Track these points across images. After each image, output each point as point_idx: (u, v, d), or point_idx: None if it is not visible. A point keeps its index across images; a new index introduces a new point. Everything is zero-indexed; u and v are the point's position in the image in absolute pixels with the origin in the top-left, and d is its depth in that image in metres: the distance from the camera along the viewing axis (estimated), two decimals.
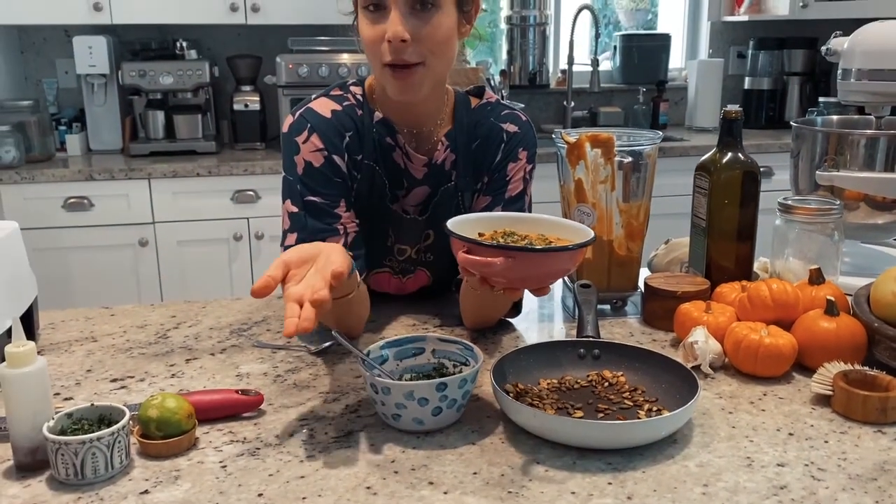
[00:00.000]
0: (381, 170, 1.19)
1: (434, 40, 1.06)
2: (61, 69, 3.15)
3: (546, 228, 1.00)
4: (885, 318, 1.02)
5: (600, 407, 0.93)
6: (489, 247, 0.89)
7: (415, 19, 1.05)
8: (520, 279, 0.91)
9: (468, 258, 0.89)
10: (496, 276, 0.89)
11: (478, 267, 0.88)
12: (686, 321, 1.11)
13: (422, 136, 1.20)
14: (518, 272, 0.88)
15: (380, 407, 0.90)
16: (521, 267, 0.87)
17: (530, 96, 3.61)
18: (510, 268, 0.86)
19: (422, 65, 1.07)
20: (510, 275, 0.88)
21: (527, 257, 0.89)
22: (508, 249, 0.88)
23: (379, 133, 1.18)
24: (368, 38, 1.07)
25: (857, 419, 0.91)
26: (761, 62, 3.62)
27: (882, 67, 1.30)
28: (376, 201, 1.20)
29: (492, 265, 0.87)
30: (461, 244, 0.91)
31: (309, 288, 0.85)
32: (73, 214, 2.69)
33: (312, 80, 2.93)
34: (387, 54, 1.06)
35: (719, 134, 1.24)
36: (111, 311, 1.32)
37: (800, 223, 1.21)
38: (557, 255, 0.90)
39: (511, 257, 0.87)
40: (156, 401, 0.85)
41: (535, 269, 0.90)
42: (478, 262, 0.88)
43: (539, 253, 0.90)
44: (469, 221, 0.99)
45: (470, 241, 0.90)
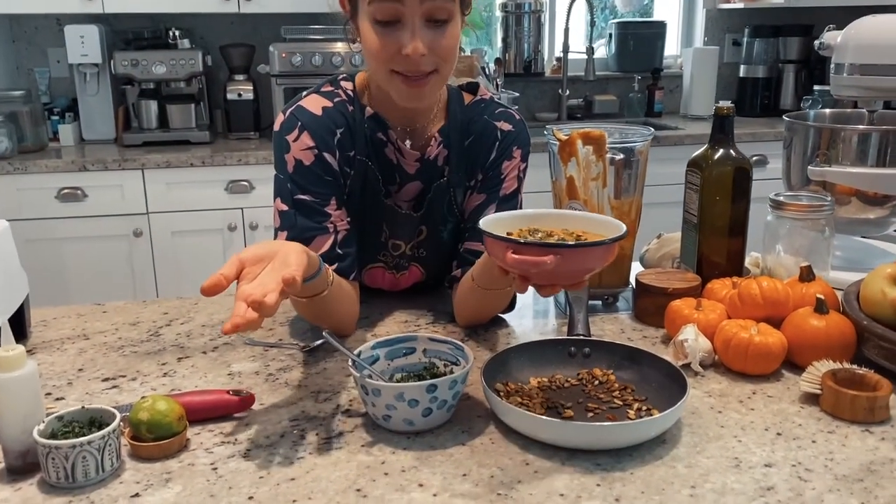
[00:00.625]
0: (374, 165, 1.19)
1: (447, 49, 1.06)
2: (53, 58, 3.13)
3: (568, 223, 1.00)
4: (875, 316, 1.02)
5: (590, 406, 0.94)
6: (539, 245, 0.89)
7: (430, 30, 1.04)
8: (563, 275, 0.90)
9: (518, 258, 0.88)
10: (544, 274, 0.89)
11: (527, 266, 0.88)
12: (677, 318, 1.12)
13: (415, 133, 1.20)
14: (563, 268, 0.88)
15: (370, 408, 0.90)
16: (566, 263, 0.87)
17: (525, 84, 3.60)
18: (558, 265, 0.86)
19: (435, 73, 1.07)
20: (557, 271, 0.88)
21: (573, 253, 0.88)
22: (556, 247, 0.88)
23: (370, 129, 1.18)
24: (378, 48, 1.05)
25: (845, 418, 0.91)
26: (756, 50, 3.61)
27: (875, 62, 1.30)
28: (370, 196, 1.20)
29: (542, 264, 0.86)
30: (504, 245, 0.89)
31: (259, 287, 0.84)
32: (67, 205, 2.68)
33: (306, 69, 2.92)
34: (400, 65, 1.05)
35: (711, 130, 1.23)
36: (103, 307, 1.32)
37: (791, 219, 1.22)
38: (600, 249, 0.90)
39: (559, 254, 0.86)
40: (146, 403, 0.85)
41: (579, 264, 0.90)
42: (528, 261, 0.87)
43: (587, 248, 0.90)
44: (489, 222, 0.98)
45: (517, 242, 0.89)
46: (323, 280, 1.05)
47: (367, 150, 1.18)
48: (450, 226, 1.24)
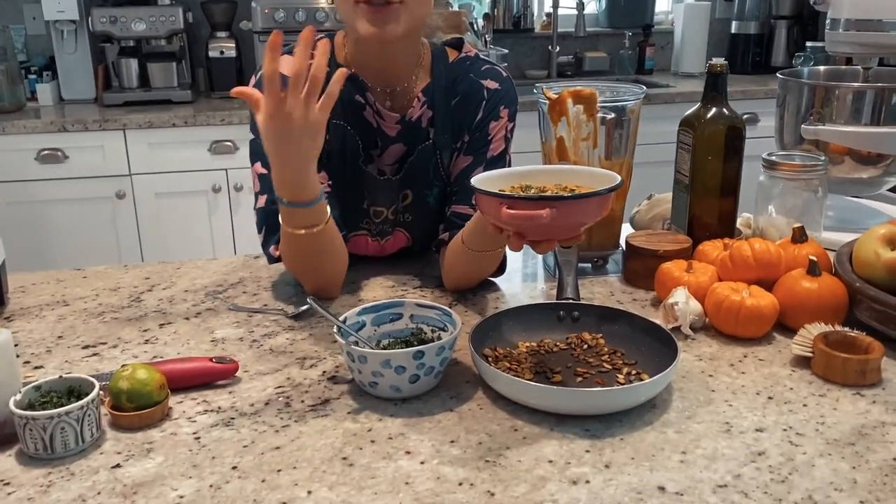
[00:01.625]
0: (353, 129, 1.15)
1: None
2: (29, 15, 3.04)
3: (560, 178, 0.98)
4: (867, 277, 1.01)
5: (579, 370, 0.92)
6: (533, 199, 0.86)
7: None
8: (559, 229, 0.89)
9: (513, 213, 0.86)
10: (540, 229, 0.87)
11: (523, 221, 0.86)
12: (667, 281, 1.10)
13: (396, 94, 1.16)
14: (559, 222, 0.86)
15: (356, 375, 0.89)
16: (562, 217, 0.86)
17: (514, 41, 3.53)
18: (554, 218, 0.84)
19: (399, 2, 1.03)
20: (553, 225, 0.86)
21: (569, 205, 0.86)
22: (551, 200, 0.86)
23: (348, 91, 1.14)
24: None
25: (837, 382, 0.90)
26: (748, 5, 3.55)
27: (871, 17, 1.27)
28: (349, 162, 1.17)
29: (538, 218, 0.84)
30: (498, 201, 0.87)
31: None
32: (47, 167, 2.63)
33: (289, 25, 2.85)
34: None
35: (704, 88, 1.21)
36: (83, 272, 1.29)
37: (784, 179, 1.20)
38: (595, 200, 0.88)
39: (554, 207, 0.84)
40: (126, 372, 0.83)
41: (575, 217, 0.88)
42: (524, 216, 0.85)
43: (582, 199, 0.87)
44: (481, 180, 0.95)
45: (512, 198, 0.87)
46: (322, 209, 1.02)
47: (345, 113, 1.14)
48: (436, 190, 1.22)
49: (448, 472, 0.75)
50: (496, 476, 0.74)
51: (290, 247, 1.07)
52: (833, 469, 0.75)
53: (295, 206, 1.00)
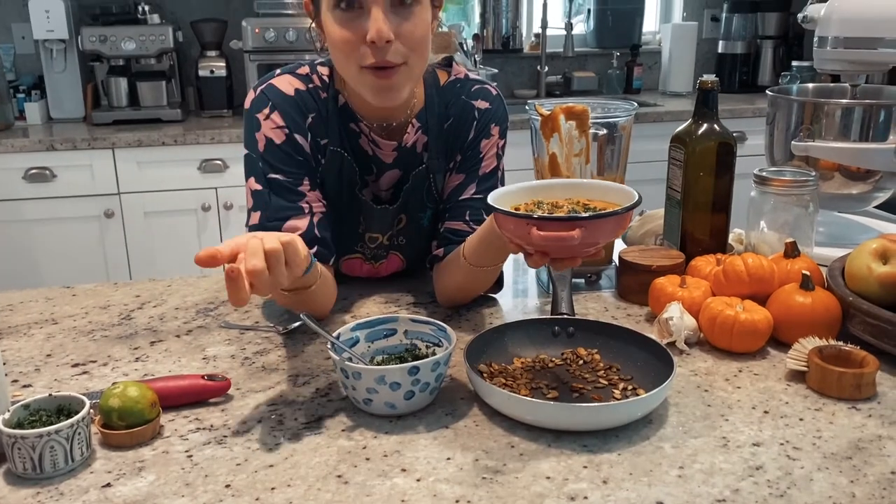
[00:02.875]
0: (350, 157, 1.15)
1: (415, 38, 1.01)
2: (18, 34, 3.03)
3: (571, 192, 0.98)
4: (860, 291, 1.01)
5: (575, 386, 0.92)
6: (563, 220, 0.86)
7: (395, 16, 0.99)
8: (584, 246, 0.88)
9: (544, 235, 0.85)
10: (568, 248, 0.86)
11: (553, 242, 0.85)
12: (661, 296, 1.10)
13: (392, 128, 1.16)
14: (585, 240, 0.85)
15: (351, 391, 0.88)
16: (589, 235, 0.85)
17: (504, 61, 3.55)
18: (583, 237, 0.84)
19: (404, 65, 1.02)
20: (581, 243, 0.85)
21: (596, 224, 0.86)
22: (581, 220, 0.85)
23: (343, 120, 1.14)
24: (342, 40, 1.00)
25: (832, 396, 0.90)
26: (735, 25, 3.59)
27: (859, 35, 1.28)
28: (346, 189, 1.16)
29: (569, 239, 0.84)
30: (526, 222, 0.86)
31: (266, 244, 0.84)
32: (35, 186, 2.61)
33: (280, 45, 2.85)
34: (368, 57, 1.00)
35: (695, 104, 1.21)
36: (73, 290, 1.27)
37: (775, 195, 1.20)
38: (621, 217, 0.87)
39: (583, 227, 0.84)
40: (117, 389, 0.82)
41: (600, 235, 0.87)
42: (555, 237, 0.84)
43: (609, 218, 0.87)
44: (495, 199, 0.94)
45: (543, 219, 0.86)
46: (314, 275, 1.02)
47: (340, 140, 1.14)
48: (429, 212, 1.21)
49: (445, 489, 0.74)
50: (493, 493, 0.73)
51: (284, 299, 1.07)
52: (831, 483, 0.74)
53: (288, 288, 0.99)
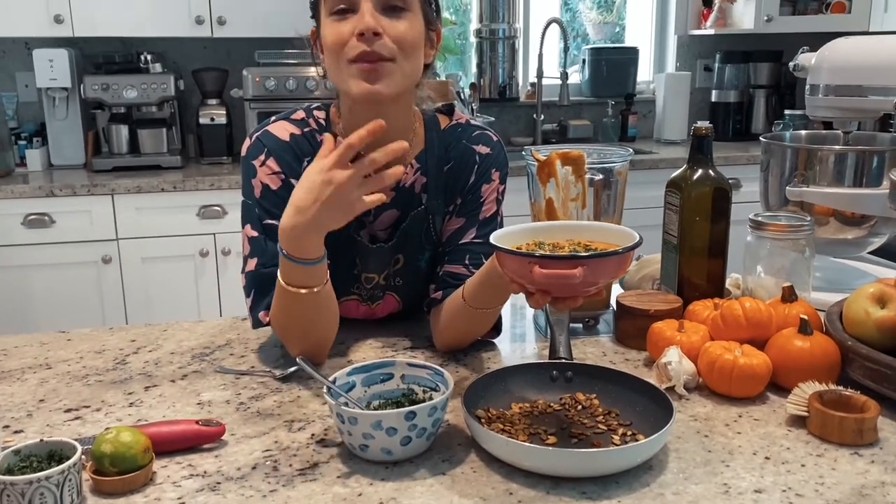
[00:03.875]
0: None
1: (405, 39, 1.04)
2: (21, 83, 3.07)
3: (572, 233, 0.99)
4: (859, 336, 1.01)
5: (574, 432, 0.91)
6: (565, 258, 0.86)
7: (386, 17, 1.03)
8: (585, 286, 0.88)
9: (546, 273, 0.85)
10: (569, 287, 0.86)
11: (555, 280, 0.85)
12: (659, 340, 1.10)
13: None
14: (587, 279, 0.85)
15: (346, 437, 0.86)
16: (591, 274, 0.85)
17: (500, 109, 3.60)
18: (584, 276, 0.84)
19: (392, 61, 1.04)
20: (582, 282, 0.85)
21: (598, 263, 0.86)
22: (584, 259, 0.86)
23: None
24: (335, 39, 1.03)
25: (834, 441, 0.89)
26: (728, 75, 3.65)
27: (849, 83, 1.30)
28: (341, 230, 1.17)
29: (571, 277, 0.84)
30: (528, 261, 0.86)
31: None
32: (33, 231, 2.61)
33: (280, 94, 2.89)
34: (355, 49, 1.02)
35: (689, 150, 1.23)
36: (68, 335, 1.27)
37: (771, 239, 1.21)
38: (622, 257, 0.87)
39: (586, 265, 0.84)
40: (110, 435, 0.81)
41: (601, 274, 0.87)
42: (557, 275, 0.84)
43: (611, 257, 0.87)
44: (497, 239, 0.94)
45: (545, 257, 0.86)
46: (323, 270, 1.02)
47: None
48: (427, 254, 1.22)
49: None
50: None
51: (286, 307, 1.05)
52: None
53: (299, 262, 0.99)
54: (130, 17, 2.81)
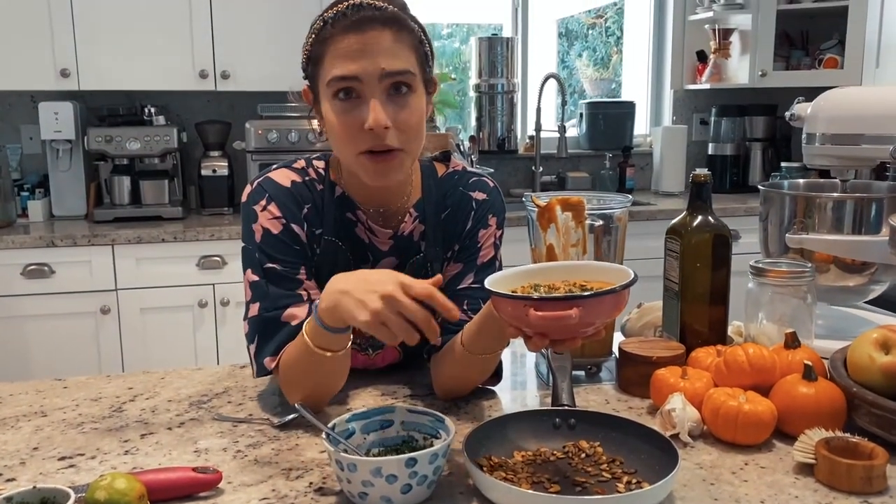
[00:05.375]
0: (345, 245, 1.16)
1: (410, 125, 1.05)
2: (26, 135, 3.11)
3: (567, 274, 0.98)
4: (864, 382, 1.00)
5: (577, 480, 0.89)
6: (560, 300, 0.86)
7: (392, 105, 1.03)
8: (583, 326, 0.87)
9: (542, 315, 0.84)
10: (566, 328, 0.86)
11: (552, 322, 0.85)
12: (663, 387, 1.09)
13: (388, 212, 1.18)
14: (584, 320, 0.85)
15: (346, 485, 0.85)
16: (588, 314, 0.85)
17: (499, 161, 3.64)
18: (581, 317, 0.84)
19: (401, 150, 1.05)
20: (580, 323, 0.85)
21: (594, 303, 0.85)
22: (577, 299, 0.85)
23: (339, 209, 1.16)
24: (341, 128, 1.04)
25: (843, 489, 0.87)
26: (724, 129, 3.70)
27: (845, 132, 1.32)
28: None
29: (567, 318, 0.83)
30: (523, 304, 0.86)
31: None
32: (32, 282, 2.61)
33: (282, 146, 2.93)
34: (365, 142, 1.03)
35: (689, 197, 1.24)
36: (64, 382, 1.25)
37: (772, 286, 1.20)
38: (618, 296, 0.87)
39: (581, 306, 0.84)
40: (104, 482, 0.79)
41: (598, 314, 0.87)
42: (553, 317, 0.84)
43: (606, 296, 0.86)
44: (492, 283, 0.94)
45: (539, 299, 0.86)
46: (349, 333, 1.01)
47: (336, 229, 1.16)
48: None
49: None
50: None
51: (306, 365, 1.04)
52: None
53: (333, 331, 0.98)
54: (136, 72, 2.86)
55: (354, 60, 1.01)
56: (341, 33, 1.02)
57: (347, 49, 1.02)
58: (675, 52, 3.80)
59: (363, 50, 1.01)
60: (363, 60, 1.01)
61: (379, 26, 1.02)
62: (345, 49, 1.02)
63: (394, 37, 1.03)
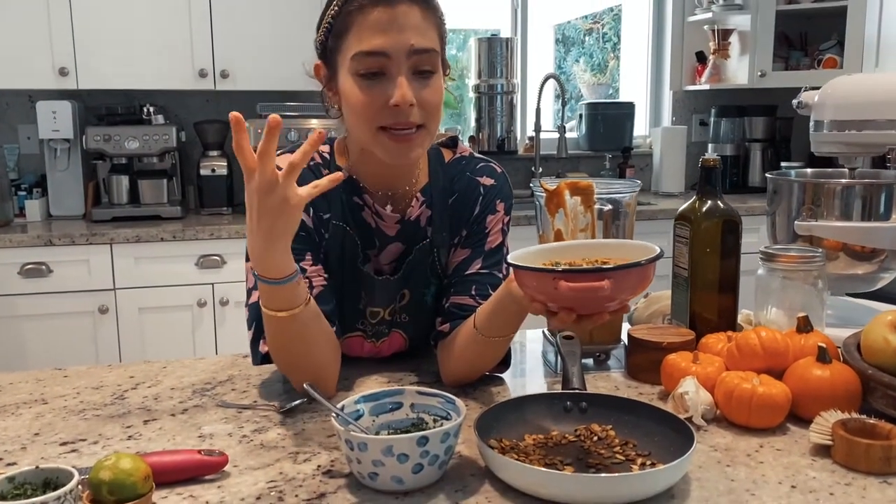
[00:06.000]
0: (352, 230, 1.15)
1: (433, 104, 1.05)
2: (23, 135, 3.09)
3: (586, 252, 0.97)
4: (879, 364, 0.99)
5: (591, 462, 0.88)
6: (591, 271, 0.85)
7: (416, 82, 1.03)
8: (610, 300, 0.87)
9: (573, 286, 0.83)
10: (596, 301, 0.85)
11: (583, 293, 0.84)
12: (674, 372, 1.07)
13: (395, 196, 1.17)
14: (614, 293, 0.84)
15: (355, 465, 0.83)
16: (617, 287, 0.84)
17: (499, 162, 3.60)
18: (612, 290, 0.83)
19: (422, 127, 1.05)
20: (608, 297, 0.84)
21: (624, 275, 0.85)
22: (610, 271, 0.84)
23: (346, 192, 1.14)
24: (364, 104, 1.03)
25: (861, 470, 0.86)
26: (723, 129, 3.70)
27: (853, 118, 1.31)
28: (348, 263, 1.15)
29: (599, 289, 0.83)
30: (552, 276, 0.85)
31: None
32: (30, 281, 2.59)
33: (281, 144, 2.83)
34: (387, 118, 1.03)
35: (698, 182, 1.22)
36: (64, 372, 1.23)
37: (783, 272, 1.19)
38: (646, 269, 0.86)
39: (612, 278, 0.83)
40: (109, 461, 0.77)
41: (626, 288, 0.86)
42: (584, 287, 0.83)
43: (635, 268, 0.85)
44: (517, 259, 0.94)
45: (570, 271, 0.85)
46: (297, 290, 0.98)
47: (343, 214, 1.14)
48: (433, 288, 1.20)
49: None
50: None
51: (273, 331, 1.03)
52: None
53: (270, 282, 0.97)
54: (135, 71, 2.85)
55: (385, 33, 1.01)
56: (370, 5, 1.01)
57: (377, 21, 1.01)
58: (674, 52, 3.80)
59: (393, 24, 1.01)
60: (393, 34, 1.00)
61: (408, 2, 1.02)
62: (374, 21, 1.01)
63: (422, 14, 1.03)
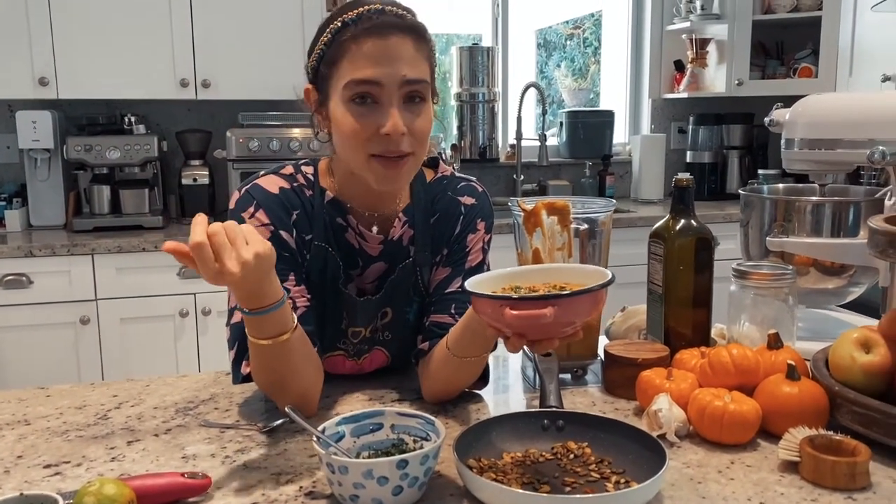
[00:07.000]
0: (335, 251, 1.16)
1: (423, 132, 1.07)
2: (2, 145, 3.07)
3: (548, 276, 0.99)
4: (845, 381, 1.02)
5: (567, 480, 0.90)
6: (535, 299, 0.87)
7: (407, 112, 1.05)
8: (560, 326, 0.88)
9: (517, 314, 0.86)
10: (542, 328, 0.87)
11: (527, 321, 0.86)
12: (648, 388, 1.10)
13: (381, 218, 1.18)
14: (560, 319, 0.86)
15: (336, 487, 0.85)
16: (563, 314, 0.86)
17: (481, 169, 3.66)
18: (556, 316, 0.85)
19: (411, 155, 1.07)
20: (554, 323, 0.86)
21: (569, 302, 0.86)
22: (553, 298, 0.86)
23: (329, 214, 1.16)
24: (356, 131, 1.05)
25: (827, 486, 0.89)
26: (701, 137, 3.75)
27: (823, 137, 1.34)
28: (329, 284, 1.17)
29: (541, 317, 0.84)
30: (499, 303, 0.87)
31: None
32: (10, 292, 2.58)
33: (263, 154, 2.92)
34: (378, 146, 1.05)
35: (672, 201, 1.25)
36: (47, 391, 1.24)
37: (755, 288, 1.22)
38: (594, 295, 0.88)
39: (556, 305, 0.85)
40: (93, 487, 0.79)
41: (574, 314, 0.88)
42: (528, 315, 0.85)
43: (582, 295, 0.87)
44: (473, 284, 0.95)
45: (514, 299, 0.87)
46: (286, 315, 1.00)
47: (325, 235, 1.16)
48: (415, 306, 1.22)
49: None
50: None
51: (259, 359, 1.04)
52: None
53: (257, 313, 0.97)
54: (116, 80, 2.84)
55: (377, 64, 1.02)
56: (364, 36, 1.03)
57: (370, 52, 1.03)
58: (653, 61, 3.85)
59: (385, 55, 1.03)
60: (385, 66, 1.02)
61: (401, 33, 1.04)
62: (367, 52, 1.03)
63: (415, 45, 1.05)
